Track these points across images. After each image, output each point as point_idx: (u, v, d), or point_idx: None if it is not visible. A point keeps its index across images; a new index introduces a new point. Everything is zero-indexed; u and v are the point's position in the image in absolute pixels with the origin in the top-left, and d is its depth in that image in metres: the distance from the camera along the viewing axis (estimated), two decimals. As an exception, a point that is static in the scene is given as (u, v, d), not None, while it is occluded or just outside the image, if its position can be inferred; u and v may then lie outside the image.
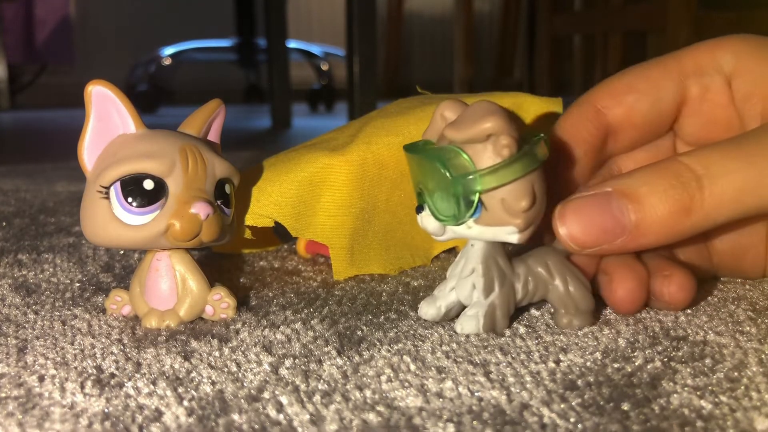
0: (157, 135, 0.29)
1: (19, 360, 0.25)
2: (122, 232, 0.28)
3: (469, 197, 0.25)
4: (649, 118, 0.31)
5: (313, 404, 0.21)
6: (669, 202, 0.26)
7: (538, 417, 0.20)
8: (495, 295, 0.27)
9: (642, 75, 0.31)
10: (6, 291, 0.34)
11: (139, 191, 0.27)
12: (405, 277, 0.36)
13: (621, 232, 0.26)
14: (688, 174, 0.26)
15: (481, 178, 0.25)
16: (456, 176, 0.25)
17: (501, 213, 0.25)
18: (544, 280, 0.28)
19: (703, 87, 0.30)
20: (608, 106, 0.30)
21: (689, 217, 0.26)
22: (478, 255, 0.27)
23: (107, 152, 0.28)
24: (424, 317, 0.29)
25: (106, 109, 0.28)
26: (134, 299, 0.29)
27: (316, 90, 2.39)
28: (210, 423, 0.20)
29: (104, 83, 0.28)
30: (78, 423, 0.21)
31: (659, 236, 0.26)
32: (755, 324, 0.28)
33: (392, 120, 0.36)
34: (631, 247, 0.27)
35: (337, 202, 0.35)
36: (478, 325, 0.27)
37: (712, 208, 0.26)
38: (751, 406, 0.21)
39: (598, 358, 0.25)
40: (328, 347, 0.26)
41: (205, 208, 0.28)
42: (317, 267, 0.38)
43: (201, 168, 0.28)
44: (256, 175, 0.35)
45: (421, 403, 0.21)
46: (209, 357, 0.25)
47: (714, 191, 0.25)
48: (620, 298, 0.28)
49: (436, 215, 0.26)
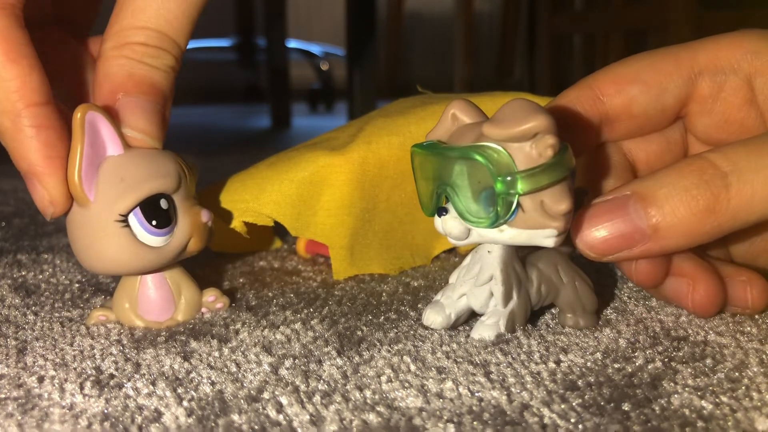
0: (152, 153, 0.28)
1: (19, 361, 0.25)
2: (147, 256, 0.27)
3: (509, 198, 0.24)
4: (649, 110, 0.30)
5: (313, 404, 0.21)
6: (691, 202, 0.25)
7: (539, 417, 0.20)
8: (514, 303, 0.26)
9: (651, 65, 0.29)
10: (5, 291, 0.34)
11: (159, 212, 0.27)
12: (405, 277, 0.36)
13: (640, 238, 0.25)
14: (712, 171, 0.25)
15: (528, 178, 0.23)
16: (502, 175, 0.23)
17: (539, 216, 0.24)
18: (555, 284, 0.28)
19: (717, 85, 0.29)
20: (609, 93, 0.29)
21: (714, 217, 0.24)
22: (497, 262, 0.26)
23: (109, 178, 0.26)
24: (432, 326, 0.27)
25: (95, 133, 0.26)
26: (123, 315, 0.29)
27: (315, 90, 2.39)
28: (210, 423, 0.20)
29: (93, 107, 0.26)
30: (77, 424, 0.20)
31: (682, 240, 0.25)
32: (756, 324, 0.28)
33: (393, 119, 0.36)
34: (654, 252, 0.26)
35: (338, 202, 0.35)
36: (500, 334, 0.26)
37: (740, 207, 0.24)
38: (752, 406, 0.21)
39: (598, 358, 0.25)
40: (328, 347, 0.26)
41: (210, 216, 0.29)
42: (317, 267, 0.38)
43: (192, 178, 0.29)
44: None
45: (422, 404, 0.21)
46: (209, 357, 0.25)
47: (742, 189, 0.24)
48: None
49: (466, 217, 0.25)
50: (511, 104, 0.24)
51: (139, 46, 0.27)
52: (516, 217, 0.24)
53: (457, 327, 0.28)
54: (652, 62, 0.29)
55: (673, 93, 0.29)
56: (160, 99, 0.28)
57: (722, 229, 0.25)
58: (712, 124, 0.30)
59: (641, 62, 0.30)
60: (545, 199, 0.24)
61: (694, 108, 0.30)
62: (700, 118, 0.30)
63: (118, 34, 0.27)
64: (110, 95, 0.27)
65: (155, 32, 0.27)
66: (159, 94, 0.28)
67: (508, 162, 0.23)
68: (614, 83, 0.29)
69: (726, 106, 0.29)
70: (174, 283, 0.29)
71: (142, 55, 0.27)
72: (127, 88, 0.27)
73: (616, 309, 0.30)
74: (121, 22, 0.27)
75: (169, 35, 0.27)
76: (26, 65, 0.26)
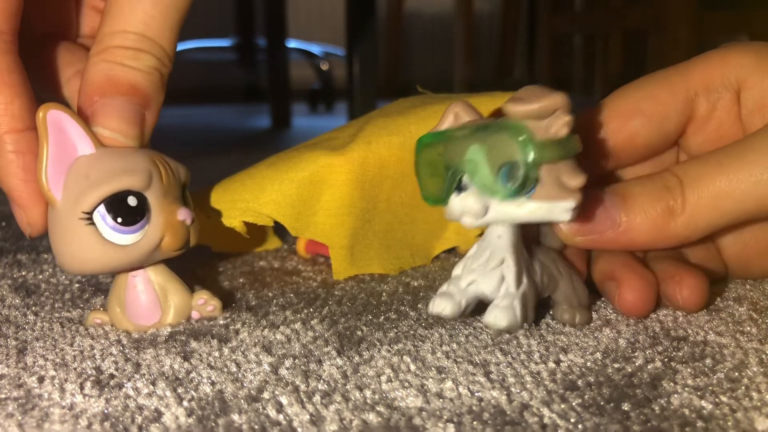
0: (123, 151, 0.27)
1: (19, 361, 0.25)
2: (115, 255, 0.27)
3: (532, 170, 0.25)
4: (652, 141, 0.31)
5: (313, 404, 0.21)
6: (656, 203, 0.28)
7: (539, 417, 0.20)
8: (525, 285, 0.27)
9: (650, 95, 0.30)
10: (5, 292, 0.34)
11: (126, 209, 0.26)
12: (405, 277, 0.36)
13: (611, 225, 0.28)
14: (672, 180, 0.28)
15: (548, 147, 0.25)
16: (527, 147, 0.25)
17: (557, 189, 0.26)
18: (555, 276, 0.28)
19: (711, 104, 0.30)
20: (614, 130, 0.30)
21: (673, 219, 0.27)
22: (507, 245, 0.27)
23: (75, 176, 0.26)
24: (442, 314, 0.27)
25: (61, 133, 0.26)
26: (116, 319, 0.29)
27: (315, 90, 2.39)
28: (210, 423, 0.20)
29: (57, 106, 0.26)
30: (77, 424, 0.20)
31: (647, 236, 0.28)
32: (756, 324, 0.28)
33: (393, 119, 0.36)
34: (622, 242, 0.28)
35: (338, 202, 0.35)
36: (515, 315, 0.26)
37: (692, 213, 0.27)
38: (752, 406, 0.21)
39: (598, 358, 0.25)
40: (328, 347, 0.26)
41: (188, 214, 0.28)
42: (317, 267, 0.38)
43: (172, 176, 0.28)
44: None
45: (421, 404, 0.21)
46: (209, 357, 0.25)
47: (692, 196, 0.27)
48: (630, 303, 0.28)
49: (490, 189, 0.25)
50: (527, 87, 0.26)
51: (117, 49, 0.28)
52: (536, 191, 0.26)
53: (465, 316, 0.28)
54: (650, 91, 0.31)
55: (673, 120, 0.30)
56: (139, 99, 0.28)
57: (681, 232, 0.28)
58: (706, 141, 0.31)
59: (640, 91, 0.31)
60: (561, 174, 0.25)
61: (691, 128, 0.31)
62: (695, 137, 0.31)
63: (99, 41, 0.28)
64: (89, 99, 0.28)
65: (133, 34, 0.28)
66: (138, 95, 0.28)
67: (529, 136, 0.25)
68: (618, 117, 0.31)
69: (719, 123, 0.30)
70: (160, 286, 0.28)
71: (122, 58, 0.28)
72: (105, 90, 0.27)
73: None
74: (103, 28, 0.28)
75: (148, 36, 0.28)
76: (9, 93, 0.27)
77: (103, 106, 0.27)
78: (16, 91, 0.27)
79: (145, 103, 0.28)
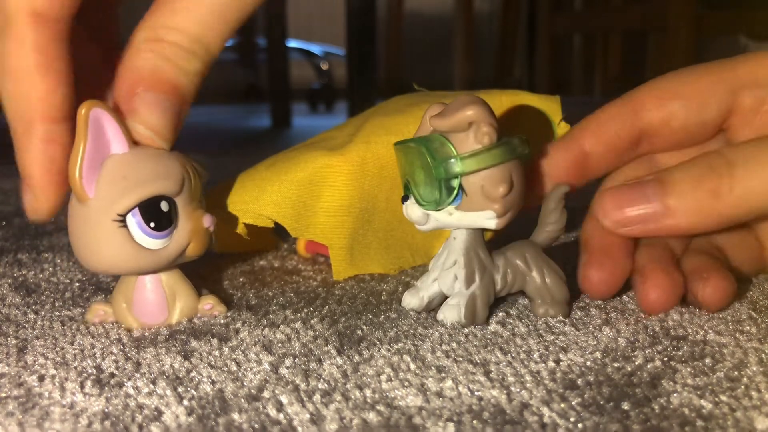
0: (158, 153, 0.27)
1: (19, 360, 0.25)
2: (144, 258, 0.27)
3: (450, 182, 0.26)
4: (689, 125, 0.31)
5: (313, 403, 0.21)
6: (698, 186, 0.27)
7: (538, 416, 0.20)
8: (476, 285, 0.28)
9: (692, 82, 0.30)
10: (6, 291, 0.34)
11: (158, 214, 0.27)
12: (405, 276, 0.36)
13: (654, 215, 0.28)
14: (719, 161, 0.27)
15: (462, 161, 0.26)
16: (438, 160, 0.26)
17: (480, 199, 0.27)
18: (522, 272, 0.29)
19: (758, 100, 0.30)
20: (650, 108, 0.30)
21: (718, 200, 0.27)
22: (460, 247, 0.28)
23: (111, 176, 0.26)
24: (407, 307, 0.30)
25: (99, 130, 0.26)
26: (120, 314, 0.29)
27: (315, 89, 2.39)
28: (210, 422, 0.20)
29: (99, 103, 0.26)
30: (78, 422, 0.21)
31: (690, 219, 0.28)
32: (755, 323, 0.28)
33: (391, 118, 0.36)
34: (665, 228, 0.28)
35: (337, 202, 0.35)
36: (460, 314, 0.28)
37: (741, 194, 0.27)
38: (751, 405, 0.21)
39: (598, 357, 0.25)
40: (328, 346, 0.26)
41: (212, 221, 0.28)
42: (317, 266, 0.38)
43: (197, 181, 0.28)
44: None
45: (421, 403, 0.21)
46: (209, 356, 0.25)
47: (744, 177, 0.27)
48: (651, 301, 0.29)
49: (419, 202, 0.28)
50: (456, 99, 0.27)
51: (171, 45, 0.27)
52: (461, 201, 0.27)
53: (431, 309, 0.30)
54: (692, 78, 0.31)
55: (714, 107, 0.30)
56: (179, 101, 0.27)
57: (726, 213, 0.27)
58: (756, 135, 0.30)
59: (683, 77, 0.31)
60: (485, 183, 0.26)
61: (736, 121, 0.31)
62: (743, 129, 0.31)
63: (152, 29, 0.27)
64: (131, 87, 0.27)
65: (190, 35, 0.27)
66: (179, 97, 0.27)
67: (449, 150, 0.26)
68: (656, 98, 0.31)
69: (766, 120, 0.30)
70: (169, 288, 0.29)
71: (172, 55, 0.27)
72: (149, 83, 0.27)
73: (616, 308, 0.30)
74: (158, 17, 0.27)
75: (203, 41, 0.27)
76: (54, 81, 0.26)
77: (146, 99, 0.27)
78: (62, 80, 0.26)
79: (183, 106, 0.28)
